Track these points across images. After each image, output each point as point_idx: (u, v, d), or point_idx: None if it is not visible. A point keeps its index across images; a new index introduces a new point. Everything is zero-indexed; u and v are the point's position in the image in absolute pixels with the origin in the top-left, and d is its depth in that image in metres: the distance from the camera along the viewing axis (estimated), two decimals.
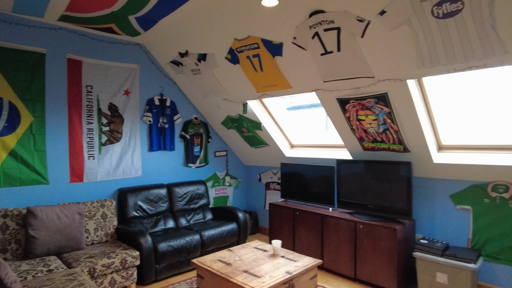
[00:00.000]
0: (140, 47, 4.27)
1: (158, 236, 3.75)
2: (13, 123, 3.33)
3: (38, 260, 2.97)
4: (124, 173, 4.09)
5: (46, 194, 3.52)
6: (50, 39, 3.55)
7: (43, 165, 3.50)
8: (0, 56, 3.25)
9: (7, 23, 3.30)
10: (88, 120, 3.81)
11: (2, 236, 3.00)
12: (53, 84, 3.57)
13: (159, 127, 4.41)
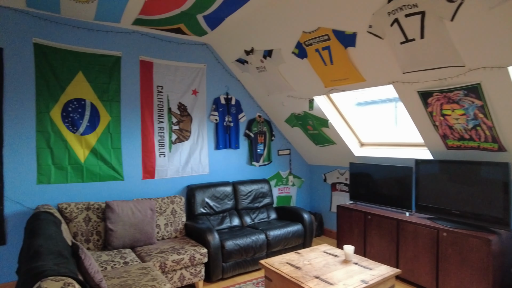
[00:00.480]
0: (207, 47, 4.32)
1: (224, 233, 3.76)
2: (94, 123, 3.57)
3: (116, 252, 3.13)
4: (192, 171, 4.18)
5: (121, 190, 3.72)
6: (124, 43, 3.75)
7: (119, 162, 3.70)
8: (84, 61, 3.50)
9: (90, 30, 3.54)
10: (159, 119, 3.96)
11: (85, 227, 3.23)
12: (127, 85, 3.77)
13: (224, 126, 4.44)
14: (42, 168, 3.33)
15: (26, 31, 3.26)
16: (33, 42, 3.28)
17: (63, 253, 2.09)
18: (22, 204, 3.23)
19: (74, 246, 2.48)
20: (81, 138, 3.50)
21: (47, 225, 2.52)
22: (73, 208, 3.24)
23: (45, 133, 3.34)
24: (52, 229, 2.47)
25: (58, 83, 3.39)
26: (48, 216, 2.76)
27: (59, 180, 3.40)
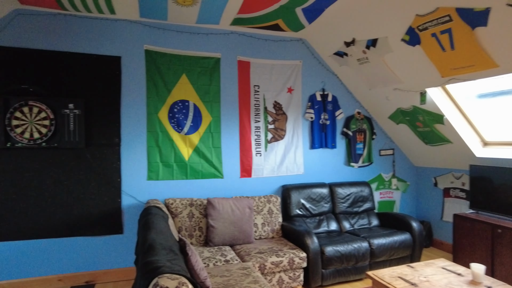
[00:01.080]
0: (303, 42, 4.16)
1: (322, 238, 3.55)
2: (197, 123, 3.72)
3: (216, 249, 3.19)
4: (287, 170, 4.07)
5: (221, 187, 3.81)
6: (223, 44, 3.83)
7: (219, 161, 3.79)
8: (187, 64, 3.67)
9: (191, 34, 3.70)
10: (256, 119, 3.94)
11: (189, 223, 3.37)
12: (226, 85, 3.84)
13: (320, 124, 4.22)
14: (152, 165, 3.59)
15: (139, 39, 3.55)
16: (144, 49, 3.56)
17: (174, 249, 2.16)
18: (135, 198, 3.53)
19: (181, 242, 2.57)
20: (185, 137, 3.68)
21: (157, 219, 2.67)
22: (178, 204, 3.41)
23: (154, 132, 3.59)
24: (162, 224, 2.61)
25: (165, 86, 3.62)
26: (158, 211, 2.94)
27: (166, 176, 3.63)
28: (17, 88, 3.19)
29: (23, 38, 3.23)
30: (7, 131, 3.12)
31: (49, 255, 3.28)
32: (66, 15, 3.33)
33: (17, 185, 3.20)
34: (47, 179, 3.28)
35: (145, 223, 2.61)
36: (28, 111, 3.19)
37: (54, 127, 3.25)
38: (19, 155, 3.20)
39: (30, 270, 3.23)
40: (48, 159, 3.28)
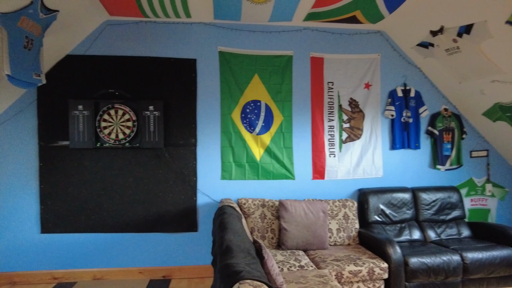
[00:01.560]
0: (381, 35, 3.85)
1: (405, 248, 3.22)
2: (268, 123, 3.66)
3: (289, 253, 3.09)
4: (364, 173, 3.80)
5: (292, 189, 3.69)
6: (296, 41, 3.71)
7: (290, 161, 3.69)
8: (259, 63, 3.64)
9: (264, 32, 3.65)
10: (329, 117, 3.75)
11: (261, 224, 3.32)
12: (298, 84, 3.72)
13: (402, 122, 3.86)
14: (225, 165, 3.62)
15: (213, 41, 3.61)
16: (218, 50, 3.61)
17: (251, 252, 2.10)
18: (209, 196, 3.60)
19: (257, 244, 2.52)
20: (257, 137, 3.65)
21: (233, 220, 2.65)
22: (251, 204, 3.38)
23: (227, 133, 3.62)
24: (238, 225, 2.59)
25: (238, 87, 3.63)
26: (232, 210, 2.94)
27: (238, 176, 3.63)
28: (106, 92, 3.45)
29: (111, 46, 3.49)
30: (97, 132, 3.40)
31: (131, 249, 3.50)
32: (147, 22, 3.52)
33: (105, 182, 3.46)
34: (129, 177, 3.50)
35: (220, 223, 2.61)
36: (114, 114, 3.43)
37: (136, 128, 3.45)
38: (106, 154, 3.46)
39: (115, 261, 3.47)
40: (131, 158, 3.50)
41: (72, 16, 3.07)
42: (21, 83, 2.73)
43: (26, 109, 3.39)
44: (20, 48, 2.69)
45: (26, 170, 3.39)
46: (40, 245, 3.40)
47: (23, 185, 3.38)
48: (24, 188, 3.38)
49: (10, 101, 3.35)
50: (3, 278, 3.35)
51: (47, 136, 3.41)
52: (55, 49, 3.27)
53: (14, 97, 3.34)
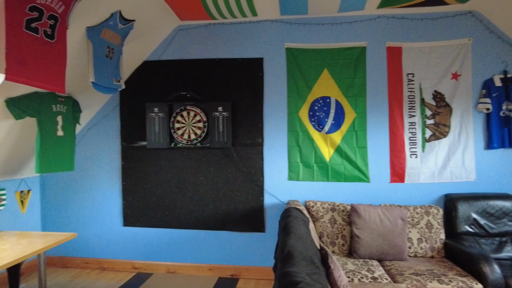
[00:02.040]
0: (473, 15, 3.31)
1: (507, 267, 2.71)
2: (339, 121, 3.43)
3: (362, 262, 2.84)
4: (452, 176, 3.31)
5: (366, 193, 3.40)
6: (369, 31, 3.40)
7: (364, 162, 3.40)
8: (328, 57, 3.43)
9: (333, 24, 3.43)
10: (410, 113, 3.36)
11: (331, 229, 3.13)
12: (373, 77, 3.41)
13: (501, 117, 3.26)
14: (292, 165, 3.50)
15: (280, 38, 3.51)
16: (285, 47, 3.50)
17: (314, 260, 1.96)
18: (276, 197, 3.52)
19: (323, 251, 2.35)
20: (326, 136, 3.45)
21: (297, 223, 2.53)
22: (319, 207, 3.21)
23: (294, 132, 3.50)
24: (302, 229, 2.45)
25: (306, 83, 3.47)
26: (298, 213, 2.81)
27: (306, 177, 3.48)
28: (178, 95, 3.61)
29: (183, 50, 3.64)
30: (171, 133, 3.57)
31: (202, 245, 3.61)
32: (216, 25, 3.59)
33: (178, 181, 3.63)
34: (200, 176, 3.61)
35: (284, 226, 2.51)
36: (187, 115, 3.57)
37: (206, 128, 3.54)
38: (180, 154, 3.63)
39: (187, 256, 3.62)
40: (202, 157, 3.61)
41: (147, 24, 3.27)
42: (104, 89, 3.00)
43: (111, 113, 3.73)
44: (103, 57, 2.95)
45: (112, 168, 3.73)
46: (122, 236, 3.72)
47: (109, 181, 3.74)
48: (110, 184, 3.73)
49: (98, 107, 3.72)
50: (95, 263, 3.74)
51: (128, 137, 3.70)
52: (134, 56, 3.53)
53: (101, 103, 3.71)
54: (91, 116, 3.74)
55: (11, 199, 3.44)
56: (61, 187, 3.81)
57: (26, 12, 2.20)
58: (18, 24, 2.17)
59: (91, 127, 3.77)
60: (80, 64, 2.90)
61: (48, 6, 2.32)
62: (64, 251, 3.80)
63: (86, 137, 3.77)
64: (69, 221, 3.79)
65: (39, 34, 2.32)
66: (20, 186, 3.56)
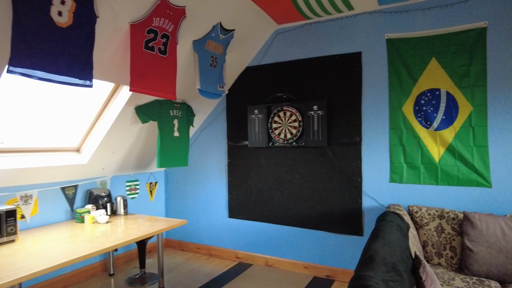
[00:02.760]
0: None
1: None
2: (451, 115, 2.99)
3: (475, 280, 2.41)
4: None
5: (486, 200, 2.87)
6: (490, 8, 2.86)
7: (485, 164, 2.87)
8: (437, 45, 3.03)
9: (442, 7, 3.02)
10: None
11: (437, 238, 2.76)
12: (496, 63, 2.85)
13: None
14: (395, 166, 3.23)
15: (379, 29, 3.29)
16: (386, 38, 3.26)
17: (397, 268, 1.79)
18: (376, 200, 3.30)
19: (417, 260, 2.11)
20: (435, 134, 3.06)
21: (390, 228, 2.33)
22: (424, 213, 2.87)
23: (397, 129, 3.21)
24: (394, 235, 2.25)
25: (410, 75, 3.16)
26: (395, 218, 2.58)
27: (411, 180, 3.15)
28: (275, 96, 3.77)
29: (281, 53, 3.78)
30: (269, 132, 3.75)
31: (298, 243, 3.66)
32: (312, 24, 3.60)
33: (276, 178, 3.78)
34: (296, 174, 3.67)
35: (374, 230, 2.35)
36: (283, 115, 3.69)
37: (301, 128, 3.59)
38: (277, 153, 3.77)
39: (283, 252, 3.73)
40: (297, 156, 3.67)
41: (246, 32, 3.53)
42: (209, 95, 3.37)
43: (219, 115, 4.15)
44: (207, 67, 3.32)
45: (219, 165, 4.15)
46: (228, 227, 4.08)
47: (218, 176, 4.16)
48: (218, 179, 4.16)
49: (209, 111, 4.19)
50: (205, 249, 4.23)
51: (233, 137, 4.05)
52: (237, 63, 3.84)
53: (211, 107, 4.16)
54: (203, 119, 4.25)
55: (143, 189, 4.20)
56: (180, 180, 4.44)
57: (145, 35, 2.69)
58: (139, 45, 2.67)
59: (203, 128, 4.27)
60: (190, 73, 3.34)
61: (161, 27, 2.77)
62: (181, 236, 4.42)
63: (199, 138, 4.30)
64: (186, 209, 4.39)
65: (155, 51, 2.80)
66: (150, 179, 4.31)
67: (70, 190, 3.37)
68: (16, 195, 2.93)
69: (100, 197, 3.44)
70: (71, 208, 3.38)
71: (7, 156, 2.83)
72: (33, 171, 2.95)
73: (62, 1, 2.09)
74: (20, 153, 2.93)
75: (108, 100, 3.24)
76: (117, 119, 3.23)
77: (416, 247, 2.63)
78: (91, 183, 3.61)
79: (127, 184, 4.02)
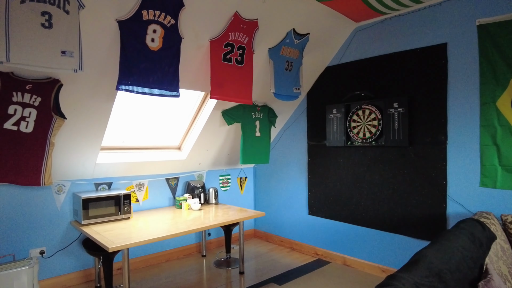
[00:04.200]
0: None
1: None
2: None
3: None
4: None
5: None
6: None
7: None
8: None
9: None
10: None
11: None
12: None
13: None
14: (486, 168, 2.85)
15: (468, 15, 2.95)
16: (477, 24, 2.90)
17: (444, 275, 1.70)
18: (463, 206, 2.98)
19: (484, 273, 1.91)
20: None
21: (456, 235, 2.14)
22: None
23: (489, 127, 2.84)
24: (459, 242, 2.06)
25: (508, 65, 2.75)
26: (471, 226, 2.33)
27: (506, 185, 2.74)
28: (353, 94, 3.74)
29: (360, 50, 3.73)
30: (348, 131, 3.75)
31: (376, 245, 3.56)
32: (392, 18, 3.45)
33: (355, 178, 3.75)
34: (375, 174, 3.57)
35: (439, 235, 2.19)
36: (362, 114, 3.64)
37: (381, 126, 3.48)
38: (356, 152, 3.74)
39: (360, 252, 3.67)
40: (377, 156, 3.57)
41: (323, 33, 3.63)
42: (284, 97, 3.61)
43: (300, 116, 4.33)
44: (282, 71, 3.56)
45: (300, 163, 4.33)
46: (308, 223, 4.23)
47: (299, 174, 4.35)
48: (299, 176, 4.35)
49: (291, 112, 4.42)
50: (287, 243, 4.48)
51: (313, 136, 4.18)
52: (316, 64, 3.96)
53: (293, 108, 4.38)
54: (285, 120, 4.50)
55: (234, 183, 4.71)
56: (267, 176, 4.80)
57: (223, 48, 3.10)
58: (218, 58, 3.09)
59: (286, 129, 4.52)
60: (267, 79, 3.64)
61: (237, 40, 3.14)
62: (268, 228, 4.76)
63: (282, 137, 4.57)
64: (271, 203, 4.72)
65: (232, 62, 3.18)
66: (240, 174, 4.79)
67: (172, 181, 4.08)
68: (133, 183, 3.75)
69: (196, 187, 4.05)
70: (173, 196, 4.09)
71: (127, 152, 3.65)
72: (145, 165, 3.71)
73: (154, 30, 2.64)
74: (136, 150, 3.73)
75: (200, 106, 3.81)
76: (208, 122, 3.76)
77: (505, 262, 2.32)
78: (190, 175, 4.27)
79: (220, 178, 4.58)
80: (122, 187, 3.68)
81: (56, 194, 3.24)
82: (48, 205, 3.21)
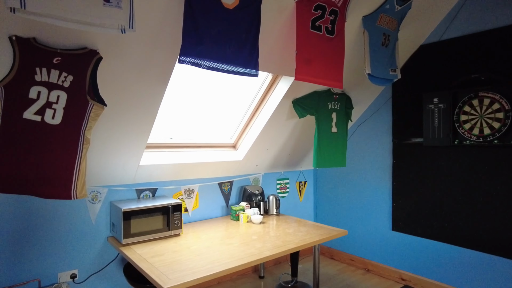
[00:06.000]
0: None
1: None
2: None
3: None
4: None
5: None
6: None
7: None
8: None
9: None
10: None
11: None
12: None
13: None
14: None
15: None
16: None
17: None
18: None
19: None
20: None
21: None
22: None
23: None
24: None
25: None
26: None
27: None
28: (466, 79, 2.87)
29: (472, 23, 2.85)
30: (456, 127, 2.90)
31: (490, 274, 2.71)
32: None
33: (464, 187, 2.90)
34: (498, 184, 2.72)
35: None
36: (478, 104, 2.78)
37: (509, 120, 2.62)
38: (467, 154, 2.89)
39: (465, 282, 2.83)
40: (501, 159, 2.70)
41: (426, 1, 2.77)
42: (379, 81, 2.77)
43: (382, 107, 3.49)
44: (379, 46, 2.72)
45: (381, 166, 3.50)
46: (390, 241, 3.41)
47: (378, 180, 3.52)
48: (379, 183, 3.52)
49: (369, 102, 3.58)
50: (360, 262, 3.66)
51: (400, 133, 3.34)
52: (409, 41, 3.11)
53: (372, 98, 3.53)
54: (361, 112, 3.66)
55: (292, 188, 3.92)
56: (332, 181, 3.98)
57: (312, 12, 2.29)
58: (305, 25, 2.29)
59: (361, 123, 3.68)
60: (354, 57, 2.82)
61: (330, 1, 2.32)
62: (332, 243, 3.96)
63: (356, 134, 3.73)
64: (338, 215, 3.90)
65: (322, 32, 2.37)
66: (299, 177, 3.99)
67: (226, 186, 3.32)
68: (181, 189, 3.00)
69: (254, 194, 3.28)
70: (226, 204, 3.33)
71: (175, 151, 2.90)
72: (195, 166, 2.96)
73: None
74: (185, 149, 2.98)
75: (265, 94, 3.02)
76: (274, 114, 2.97)
77: None
78: (245, 179, 3.50)
79: (278, 182, 3.80)
80: (169, 193, 2.95)
81: (91, 204, 2.52)
82: (81, 217, 2.49)
